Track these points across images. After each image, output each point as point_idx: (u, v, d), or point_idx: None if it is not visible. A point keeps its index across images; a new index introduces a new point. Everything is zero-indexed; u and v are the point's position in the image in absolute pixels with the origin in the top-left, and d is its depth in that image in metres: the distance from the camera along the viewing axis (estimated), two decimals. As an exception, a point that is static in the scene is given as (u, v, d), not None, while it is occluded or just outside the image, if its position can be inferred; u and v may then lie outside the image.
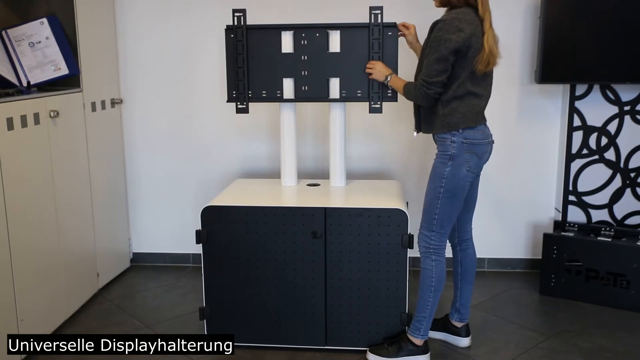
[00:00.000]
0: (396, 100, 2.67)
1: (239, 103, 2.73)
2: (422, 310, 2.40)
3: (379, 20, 2.59)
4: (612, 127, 3.14)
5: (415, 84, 2.29)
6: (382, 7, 2.59)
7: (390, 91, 2.65)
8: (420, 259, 2.40)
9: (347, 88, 2.67)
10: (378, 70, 2.58)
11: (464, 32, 2.16)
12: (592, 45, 2.94)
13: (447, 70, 2.20)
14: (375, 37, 2.60)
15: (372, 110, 2.68)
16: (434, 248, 2.35)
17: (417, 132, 2.47)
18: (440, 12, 2.35)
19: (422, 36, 2.62)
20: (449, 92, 2.24)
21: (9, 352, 2.28)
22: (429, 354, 2.43)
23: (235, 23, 2.65)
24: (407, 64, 3.04)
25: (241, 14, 2.64)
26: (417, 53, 2.59)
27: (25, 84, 2.78)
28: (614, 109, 3.12)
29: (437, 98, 2.26)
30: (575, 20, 2.94)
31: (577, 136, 3.17)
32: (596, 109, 3.14)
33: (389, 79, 2.54)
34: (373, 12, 2.60)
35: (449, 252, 2.49)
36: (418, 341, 2.41)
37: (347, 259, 2.46)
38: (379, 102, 2.66)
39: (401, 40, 2.64)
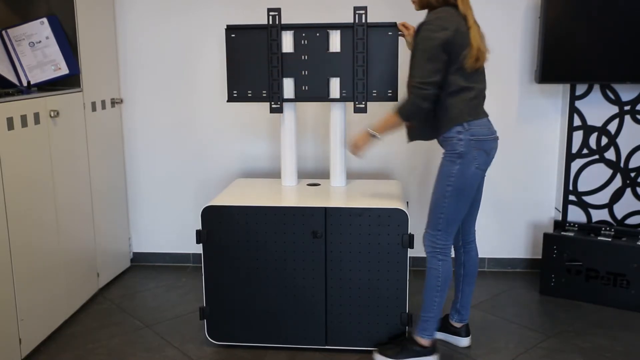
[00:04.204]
0: (396, 100, 2.67)
1: (272, 103, 2.72)
2: (428, 310, 2.39)
3: (363, 20, 2.60)
4: (612, 127, 3.14)
5: (409, 93, 2.24)
6: (366, 7, 2.60)
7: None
8: (426, 259, 2.39)
9: (347, 88, 2.68)
10: (359, 138, 2.40)
11: (448, 30, 2.17)
12: (592, 45, 2.94)
13: (439, 70, 2.19)
14: (359, 37, 2.60)
15: (356, 110, 2.68)
16: (440, 248, 2.34)
17: (411, 140, 2.44)
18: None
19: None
20: (441, 91, 2.24)
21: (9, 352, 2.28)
22: (437, 354, 2.42)
23: (270, 22, 2.64)
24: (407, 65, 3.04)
25: (276, 13, 2.64)
26: None
27: (25, 83, 2.78)
28: (614, 109, 3.12)
29: (434, 100, 2.23)
30: (575, 20, 2.94)
31: (577, 136, 3.17)
32: (596, 109, 3.14)
33: (374, 131, 2.34)
34: (357, 12, 2.60)
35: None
36: (425, 341, 2.40)
37: (347, 258, 2.46)
38: (363, 102, 2.66)
39: (401, 41, 2.64)
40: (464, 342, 2.59)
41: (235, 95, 2.74)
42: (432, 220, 2.35)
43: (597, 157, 3.18)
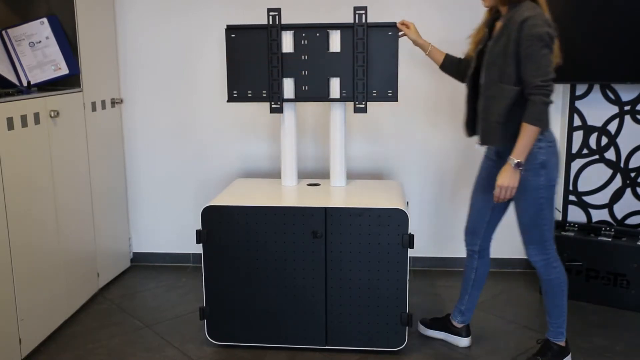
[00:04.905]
0: (396, 100, 2.67)
1: (272, 103, 2.72)
2: (560, 315, 2.36)
3: (363, 20, 2.59)
4: (612, 127, 3.14)
5: (533, 99, 2.06)
6: (366, 7, 2.59)
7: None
8: (540, 274, 2.34)
9: (347, 88, 2.68)
10: (505, 179, 2.14)
11: (551, 26, 2.09)
12: (592, 45, 2.94)
13: (552, 64, 2.09)
14: (359, 37, 2.60)
15: (356, 110, 2.68)
16: (551, 255, 2.30)
17: (482, 144, 2.30)
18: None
19: (423, 34, 2.62)
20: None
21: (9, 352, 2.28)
22: (570, 354, 2.42)
23: (271, 22, 2.64)
24: (407, 65, 3.05)
25: (276, 13, 2.64)
26: (424, 49, 2.57)
27: (25, 83, 2.78)
28: (614, 109, 3.12)
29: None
30: (575, 20, 2.94)
31: (577, 136, 3.17)
32: (596, 109, 3.14)
33: (517, 159, 2.11)
34: (357, 12, 2.59)
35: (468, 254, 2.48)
36: (562, 342, 2.39)
37: (347, 259, 2.46)
38: (363, 102, 2.66)
39: (401, 41, 2.63)
40: (464, 342, 2.59)
41: (235, 95, 2.74)
42: (537, 235, 2.28)
43: (597, 157, 3.18)
